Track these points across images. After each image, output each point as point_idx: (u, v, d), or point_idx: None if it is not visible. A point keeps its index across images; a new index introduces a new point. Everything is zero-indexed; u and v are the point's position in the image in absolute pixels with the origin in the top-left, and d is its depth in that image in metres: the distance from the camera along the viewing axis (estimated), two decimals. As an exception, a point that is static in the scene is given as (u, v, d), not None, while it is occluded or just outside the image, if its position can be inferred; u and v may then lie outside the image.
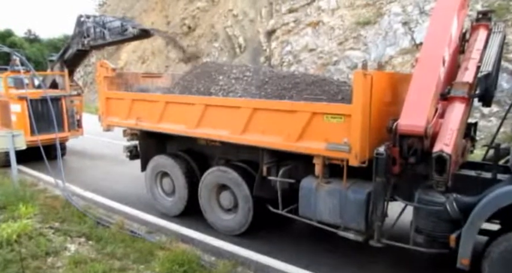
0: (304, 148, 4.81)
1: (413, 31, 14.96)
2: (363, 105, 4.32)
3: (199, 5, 23.30)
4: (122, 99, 6.72)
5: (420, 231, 4.21)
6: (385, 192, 4.37)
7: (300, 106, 4.81)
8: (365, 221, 4.53)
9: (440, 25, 4.65)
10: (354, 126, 4.38)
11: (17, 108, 9.48)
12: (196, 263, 4.90)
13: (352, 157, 4.44)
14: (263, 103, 5.15)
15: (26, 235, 5.34)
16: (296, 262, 5.02)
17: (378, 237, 4.43)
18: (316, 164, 4.82)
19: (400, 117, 4.21)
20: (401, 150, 4.24)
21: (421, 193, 4.21)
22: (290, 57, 18.57)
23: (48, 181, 8.81)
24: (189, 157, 6.47)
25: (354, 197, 4.58)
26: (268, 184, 5.42)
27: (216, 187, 5.95)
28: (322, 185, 4.82)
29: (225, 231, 5.88)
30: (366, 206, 4.50)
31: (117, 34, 8.55)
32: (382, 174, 4.27)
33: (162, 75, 8.16)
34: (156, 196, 6.87)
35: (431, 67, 4.33)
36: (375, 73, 4.46)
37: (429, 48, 4.52)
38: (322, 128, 4.66)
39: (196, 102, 5.70)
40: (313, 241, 5.69)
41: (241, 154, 5.97)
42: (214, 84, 6.19)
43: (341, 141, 4.50)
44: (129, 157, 7.32)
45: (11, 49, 10.38)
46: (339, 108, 4.56)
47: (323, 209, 4.82)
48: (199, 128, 5.72)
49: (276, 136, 5.02)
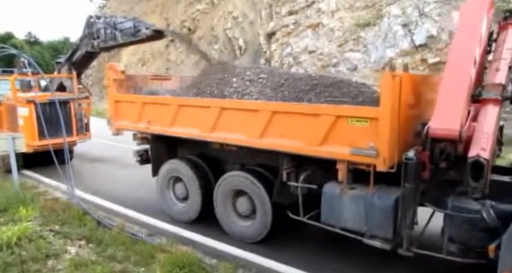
0: (327, 153, 4.49)
1: (413, 33, 14.69)
2: (391, 108, 4.01)
3: (199, 7, 22.93)
4: (133, 102, 6.34)
5: (454, 240, 3.91)
6: (415, 199, 4.08)
7: (322, 109, 4.50)
8: (393, 228, 4.21)
9: (471, 24, 4.34)
10: (381, 130, 4.06)
11: (24, 111, 9.03)
12: (197, 265, 4.77)
13: (379, 162, 4.12)
14: (283, 106, 4.82)
15: (26, 238, 5.23)
16: (297, 264, 4.90)
17: (408, 246, 4.12)
18: (340, 169, 4.51)
19: (431, 120, 3.91)
20: (432, 155, 3.94)
21: (454, 200, 3.91)
22: (290, 59, 18.27)
23: (49, 183, 8.63)
24: (202, 162, 6.13)
25: (381, 203, 4.27)
26: (287, 189, 5.10)
27: (233, 192, 5.62)
28: (346, 191, 4.51)
29: (242, 239, 5.55)
30: (394, 213, 4.18)
31: (129, 35, 8.10)
32: (411, 180, 3.98)
33: (170, 77, 7.78)
34: (168, 201, 6.52)
35: (462, 68, 4.04)
36: (403, 75, 4.15)
37: (460, 47, 4.21)
38: (346, 132, 4.34)
39: (212, 105, 5.36)
40: (315, 243, 5.50)
41: (257, 159, 5.64)
42: (227, 86, 5.86)
43: (366, 146, 4.19)
44: (140, 161, 6.92)
45: (19, 51, 9.96)
46: (365, 111, 4.25)
47: (347, 215, 4.51)
48: (215, 132, 5.37)
49: (297, 140, 4.69)
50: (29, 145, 8.87)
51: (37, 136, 9.01)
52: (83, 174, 9.68)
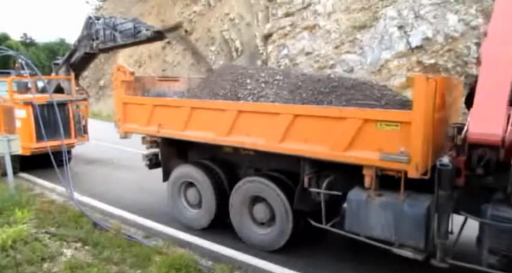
0: (354, 158, 4.15)
1: (409, 35, 14.47)
2: (425, 112, 3.70)
3: (196, 9, 22.43)
4: (142, 104, 5.90)
5: (494, 251, 3.60)
6: (449, 206, 3.77)
7: (349, 112, 4.15)
8: (424, 237, 3.90)
9: (508, 22, 4.02)
10: (414, 134, 3.74)
11: (22, 113, 8.55)
12: (194, 267, 4.68)
13: (411, 168, 3.80)
14: (306, 109, 4.47)
15: (22, 240, 5.08)
16: (293, 266, 4.77)
17: (442, 257, 3.83)
18: (367, 175, 4.18)
19: (470, 124, 3.60)
20: (468, 160, 3.64)
21: (493, 208, 3.60)
22: (287, 60, 17.95)
23: (45, 185, 8.37)
24: (216, 166, 5.74)
25: (412, 211, 3.94)
26: (308, 195, 4.76)
27: (250, 199, 5.25)
28: (374, 197, 4.18)
29: (259, 247, 5.19)
30: (426, 222, 3.87)
31: (129, 36, 7.71)
32: (446, 187, 3.67)
33: (178, 78, 7.38)
34: (179, 207, 6.10)
35: (501, 69, 3.71)
36: (438, 78, 3.84)
37: (496, 47, 3.87)
38: (374, 136, 4.02)
39: (228, 108, 4.97)
40: (310, 244, 5.33)
41: (273, 163, 5.29)
42: (241, 88, 5.49)
43: (397, 151, 3.87)
44: (149, 166, 6.50)
45: (16, 53, 9.45)
46: (396, 115, 3.92)
47: (374, 224, 4.18)
48: (231, 136, 4.99)
49: (321, 144, 4.35)
50: (26, 148, 8.48)
51: (35, 139, 8.57)
52: (79, 176, 9.34)
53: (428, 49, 13.67)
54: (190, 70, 20.92)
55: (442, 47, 13.34)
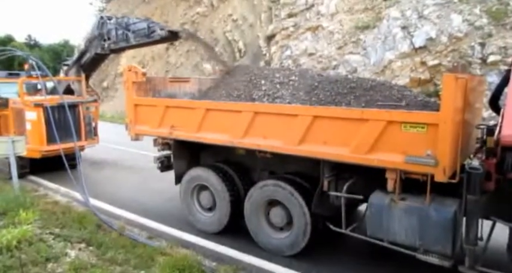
0: (377, 161, 3.94)
1: (412, 35, 14.25)
2: (454, 113, 3.48)
3: (199, 10, 22.19)
4: (154, 106, 5.65)
5: (528, 259, 3.41)
6: (479, 211, 3.56)
7: (372, 114, 3.93)
8: (452, 243, 3.70)
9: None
10: (442, 137, 3.53)
11: (32, 115, 8.25)
12: (197, 268, 4.57)
13: (439, 171, 3.58)
14: (326, 111, 4.24)
15: (26, 241, 5.06)
16: (297, 268, 4.68)
17: (471, 264, 3.61)
18: (390, 178, 3.96)
19: (503, 126, 3.39)
20: (501, 164, 3.43)
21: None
22: (290, 61, 17.72)
23: (49, 186, 8.26)
24: (230, 169, 5.52)
25: (439, 216, 3.74)
26: (326, 199, 4.54)
27: (266, 202, 5.03)
28: (397, 201, 3.97)
29: (276, 252, 4.97)
30: (453, 227, 3.67)
31: (142, 36, 7.40)
32: (476, 191, 3.46)
33: (189, 79, 7.14)
34: (192, 211, 5.87)
35: None
36: (468, 78, 3.62)
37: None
38: (398, 139, 3.80)
39: (244, 109, 4.74)
40: (314, 246, 5.12)
41: (289, 166, 5.07)
42: (256, 89, 5.28)
43: (423, 154, 3.66)
44: (160, 168, 6.26)
45: (27, 53, 9.20)
46: (422, 116, 3.70)
47: (398, 229, 3.97)
48: (247, 138, 4.76)
49: (341, 147, 4.13)
50: (37, 150, 8.24)
51: (45, 141, 8.28)
52: (83, 176, 9.11)
53: (432, 50, 13.45)
54: (193, 72, 20.70)
55: (446, 47, 13.11)
